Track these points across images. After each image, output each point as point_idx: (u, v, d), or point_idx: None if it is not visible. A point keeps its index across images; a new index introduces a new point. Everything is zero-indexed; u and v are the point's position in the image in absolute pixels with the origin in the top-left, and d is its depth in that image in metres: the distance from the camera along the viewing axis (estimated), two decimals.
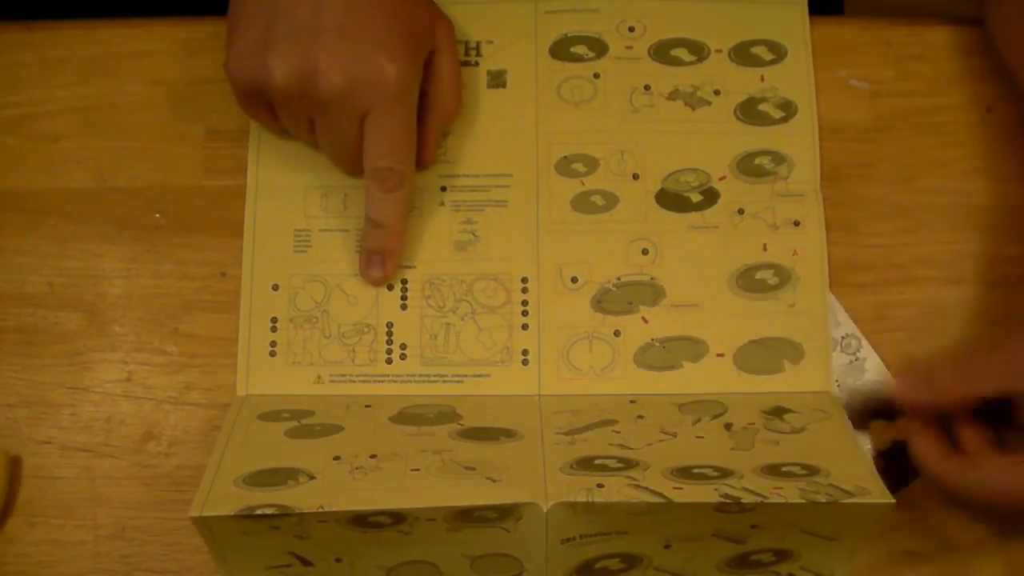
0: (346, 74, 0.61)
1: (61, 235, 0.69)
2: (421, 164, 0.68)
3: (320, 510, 0.56)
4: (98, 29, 0.72)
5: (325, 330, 0.68)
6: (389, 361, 0.68)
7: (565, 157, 0.70)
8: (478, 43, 0.71)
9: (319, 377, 0.67)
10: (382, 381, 0.67)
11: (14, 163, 0.70)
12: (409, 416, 0.65)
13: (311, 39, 0.61)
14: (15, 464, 0.66)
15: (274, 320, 0.68)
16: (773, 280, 0.68)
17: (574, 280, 0.68)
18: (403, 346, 0.68)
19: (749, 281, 0.68)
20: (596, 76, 0.71)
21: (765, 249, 0.68)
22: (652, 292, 0.68)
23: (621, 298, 0.68)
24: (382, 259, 0.67)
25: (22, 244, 0.69)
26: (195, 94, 0.71)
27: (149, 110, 0.71)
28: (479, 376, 0.67)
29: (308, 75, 0.61)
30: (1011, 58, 0.69)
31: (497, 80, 0.71)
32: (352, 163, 0.66)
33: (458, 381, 0.67)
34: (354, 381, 0.67)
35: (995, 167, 0.70)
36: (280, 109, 0.65)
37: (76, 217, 0.70)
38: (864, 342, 0.68)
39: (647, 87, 0.71)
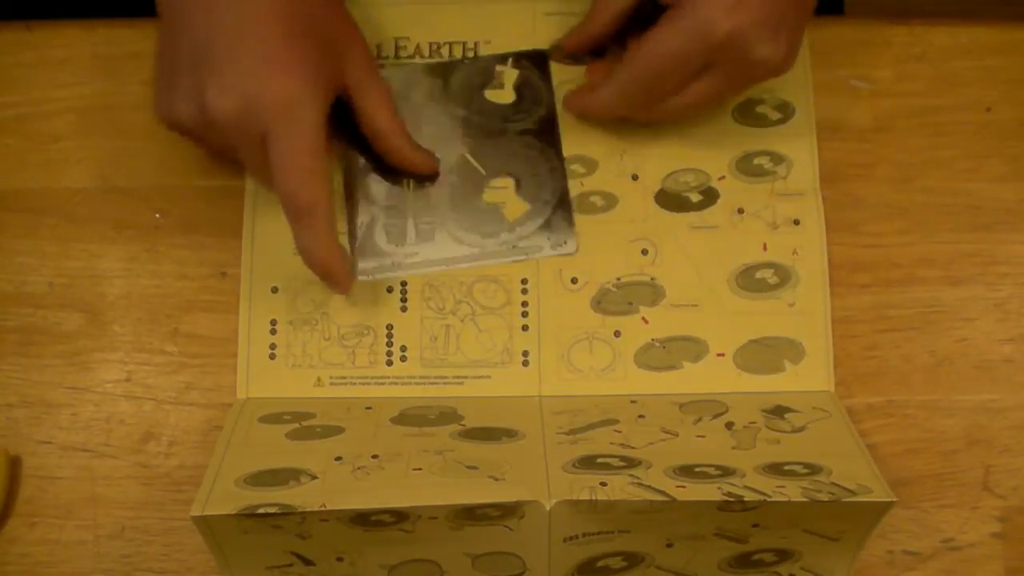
0: (233, 97, 0.58)
1: (61, 235, 0.69)
2: (416, 173, 0.68)
3: (322, 509, 0.56)
4: (98, 29, 0.72)
5: (325, 332, 0.68)
6: (389, 363, 0.68)
7: (564, 158, 0.70)
8: (476, 43, 0.71)
9: (319, 380, 0.67)
10: (382, 383, 0.67)
11: (14, 163, 0.70)
12: (410, 417, 0.65)
13: (202, 67, 0.58)
14: (15, 464, 0.66)
15: (273, 323, 0.68)
16: (773, 279, 0.68)
17: (574, 281, 0.68)
18: (403, 348, 0.68)
19: (749, 281, 0.68)
20: None
21: (765, 249, 0.68)
22: (652, 292, 0.68)
23: (621, 298, 0.68)
24: (330, 282, 0.64)
25: (22, 244, 0.69)
26: None
27: (149, 110, 0.70)
28: (479, 378, 0.67)
29: (202, 106, 0.58)
30: None
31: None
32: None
33: (459, 383, 0.67)
34: (354, 383, 0.67)
35: (994, 167, 0.70)
36: (206, 147, 0.63)
37: (76, 217, 0.69)
38: None
39: None
